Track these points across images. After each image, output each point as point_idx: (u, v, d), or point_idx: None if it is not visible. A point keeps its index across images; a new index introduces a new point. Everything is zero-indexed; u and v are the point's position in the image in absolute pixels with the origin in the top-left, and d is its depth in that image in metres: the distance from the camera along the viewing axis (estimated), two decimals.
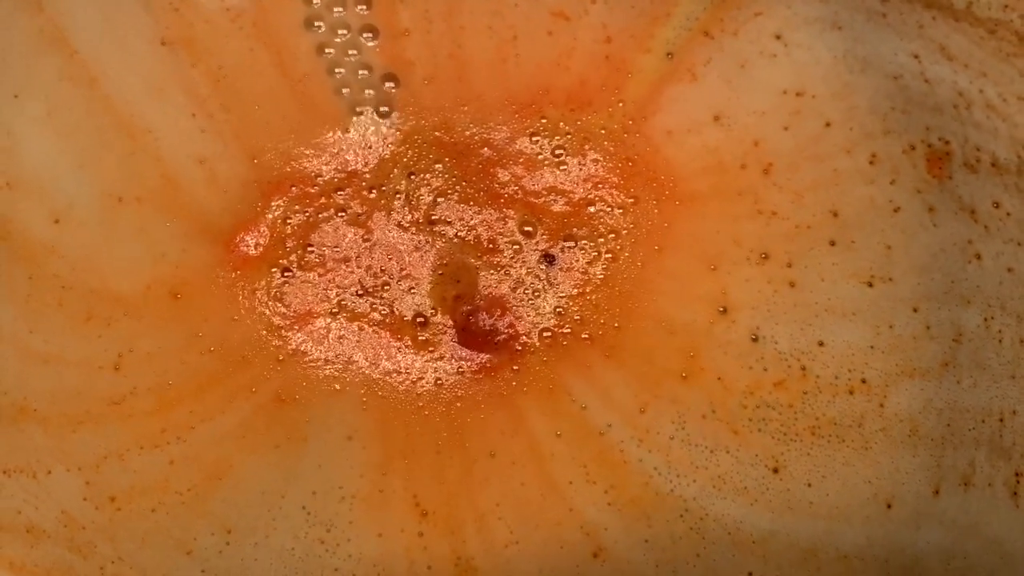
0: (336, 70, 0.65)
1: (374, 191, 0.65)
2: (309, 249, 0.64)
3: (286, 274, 0.64)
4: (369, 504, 0.63)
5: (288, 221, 0.64)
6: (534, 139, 0.65)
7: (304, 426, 0.64)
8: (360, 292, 0.64)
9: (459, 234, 0.64)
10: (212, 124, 0.64)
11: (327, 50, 0.65)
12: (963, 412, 0.61)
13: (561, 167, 0.65)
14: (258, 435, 0.63)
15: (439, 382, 0.64)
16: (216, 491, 0.63)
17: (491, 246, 0.64)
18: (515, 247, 0.64)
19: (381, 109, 0.65)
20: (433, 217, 0.64)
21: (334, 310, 0.64)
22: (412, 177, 0.65)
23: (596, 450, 0.64)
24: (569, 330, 0.64)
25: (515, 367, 0.64)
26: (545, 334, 0.64)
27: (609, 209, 0.65)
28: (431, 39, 0.64)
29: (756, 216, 0.64)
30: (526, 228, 0.64)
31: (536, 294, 0.64)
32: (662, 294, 0.64)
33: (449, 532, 0.63)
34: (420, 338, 0.64)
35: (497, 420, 0.64)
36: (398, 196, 0.65)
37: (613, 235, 0.65)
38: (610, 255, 0.65)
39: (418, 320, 0.64)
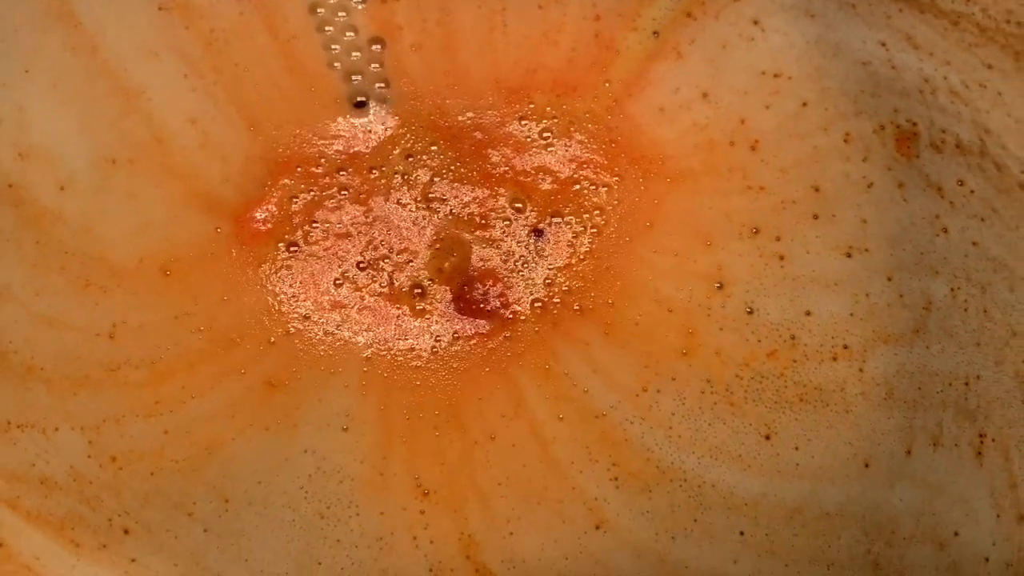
0: (325, 28, 0.66)
1: (375, 171, 0.66)
2: (313, 225, 0.65)
3: (292, 249, 0.65)
4: (369, 486, 0.64)
5: (294, 199, 0.66)
6: (523, 122, 0.66)
7: (294, 412, 0.64)
8: (362, 265, 0.65)
9: (454, 210, 0.66)
10: (203, 84, 0.65)
11: (319, 9, 0.66)
12: (932, 376, 0.63)
13: (548, 148, 0.66)
14: (247, 417, 0.64)
15: (435, 350, 0.65)
16: (210, 464, 0.64)
17: (484, 221, 0.66)
18: (506, 222, 0.66)
19: (374, 73, 0.66)
20: (430, 195, 0.66)
21: (338, 280, 0.65)
22: (410, 159, 0.66)
23: (598, 431, 0.65)
24: (559, 300, 0.66)
25: (507, 334, 0.66)
26: (536, 304, 0.66)
27: (593, 187, 0.66)
28: (421, 3, 0.66)
29: (746, 191, 0.66)
30: (516, 205, 0.66)
31: (526, 265, 0.66)
32: (659, 272, 0.66)
33: (451, 510, 0.64)
34: (418, 307, 0.65)
35: (497, 403, 0.65)
36: (397, 176, 0.66)
37: (598, 211, 0.66)
38: (595, 230, 0.66)
39: (416, 291, 0.66)
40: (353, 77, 0.67)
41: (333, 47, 0.66)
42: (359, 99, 0.66)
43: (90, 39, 0.64)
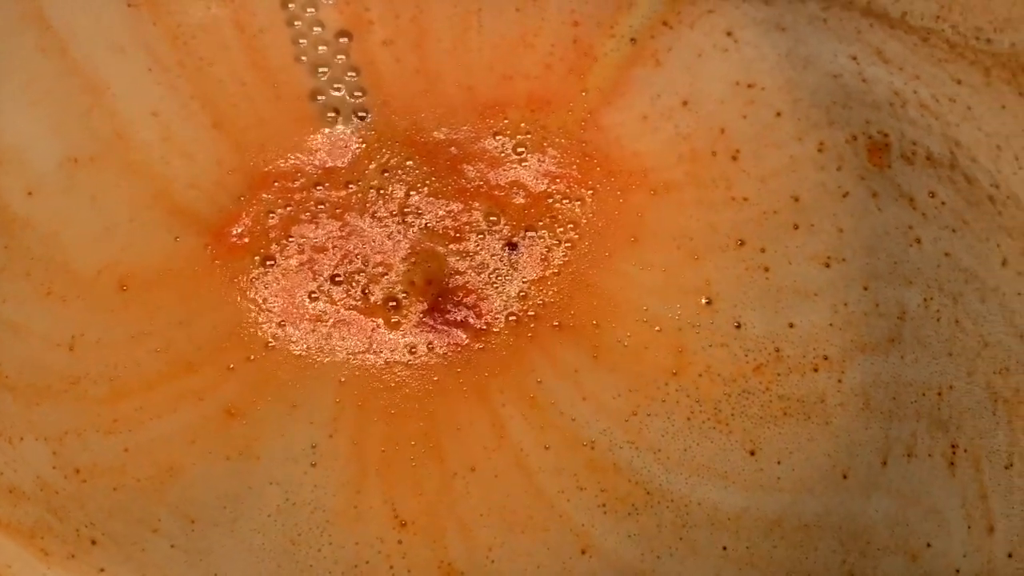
0: (295, 23, 0.66)
1: (351, 185, 0.66)
2: (289, 239, 0.65)
3: (268, 263, 0.65)
4: (343, 517, 0.63)
5: (271, 214, 0.65)
6: (497, 138, 0.66)
7: (255, 444, 0.64)
8: (337, 279, 0.65)
9: (429, 224, 0.66)
10: (167, 79, 0.65)
11: (289, 4, 0.66)
12: (907, 386, 0.64)
13: (523, 163, 0.66)
14: (207, 444, 0.63)
15: (411, 364, 0.65)
16: (172, 486, 0.63)
17: (458, 235, 0.66)
18: (480, 236, 0.66)
19: (341, 66, 0.66)
20: (405, 209, 0.66)
21: (313, 294, 0.65)
22: (385, 173, 0.66)
23: (586, 458, 0.64)
24: (534, 313, 0.65)
25: (481, 345, 0.65)
26: (511, 317, 0.65)
27: (567, 202, 0.66)
28: (394, 2, 0.66)
29: (730, 202, 0.66)
30: (491, 218, 0.66)
31: (500, 278, 0.66)
32: (646, 289, 0.66)
33: (430, 540, 0.63)
34: (392, 319, 0.65)
35: (478, 434, 0.64)
36: (372, 190, 0.66)
37: (572, 225, 0.66)
38: (569, 244, 0.66)
39: (390, 303, 0.65)
40: (319, 70, 0.67)
41: (300, 41, 0.66)
42: (319, 96, 0.66)
43: (60, 40, 0.64)
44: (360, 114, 0.66)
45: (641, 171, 0.66)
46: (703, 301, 0.65)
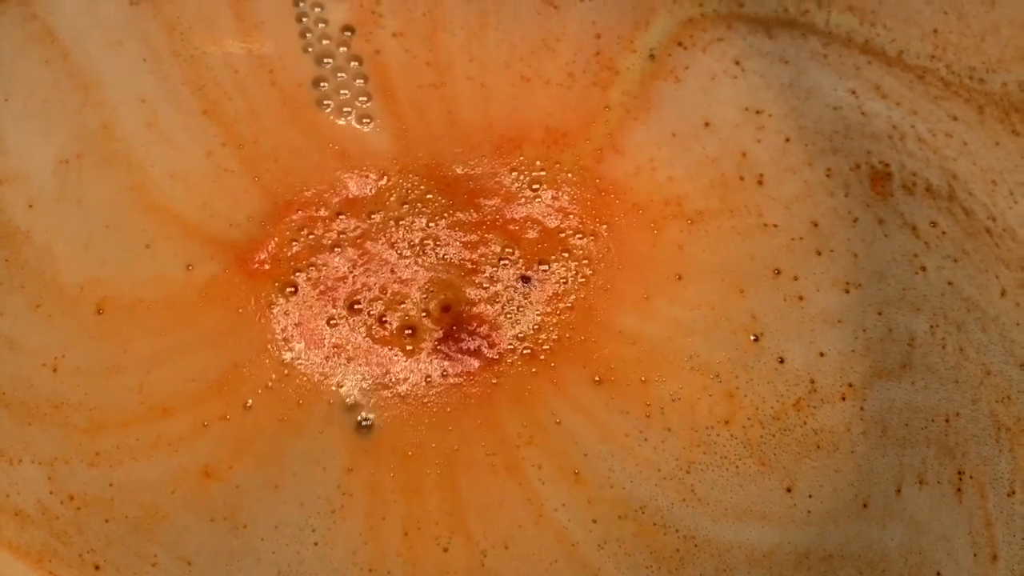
0: (302, 19, 0.67)
1: (374, 216, 0.66)
2: (310, 268, 0.64)
3: (288, 290, 0.64)
4: None
5: (294, 242, 0.65)
6: (513, 174, 0.67)
7: (240, 512, 0.62)
8: (355, 308, 0.65)
9: (447, 255, 0.66)
10: (160, 68, 0.65)
11: (301, 2, 0.67)
12: (917, 412, 0.64)
13: (537, 199, 0.66)
14: (187, 499, 0.62)
15: (427, 403, 0.64)
16: (160, 529, 0.61)
17: (474, 267, 0.66)
18: (495, 268, 0.66)
19: (344, 55, 0.67)
20: (424, 240, 0.66)
21: (333, 321, 0.64)
22: (405, 205, 0.66)
23: (636, 524, 0.63)
24: (549, 347, 0.65)
25: (495, 380, 0.64)
26: (525, 350, 0.65)
27: (580, 237, 0.66)
28: None
29: (763, 230, 0.66)
30: (507, 250, 0.66)
31: (515, 309, 0.65)
32: (694, 332, 0.65)
33: None
34: (408, 347, 0.64)
35: (511, 512, 0.63)
36: (392, 221, 0.66)
37: (586, 260, 0.66)
38: (583, 279, 0.66)
39: (406, 332, 0.64)
40: (324, 61, 0.67)
41: (307, 35, 0.67)
42: (323, 84, 0.67)
43: (63, 48, 0.64)
44: (361, 99, 0.67)
45: (675, 199, 0.66)
46: (751, 338, 0.65)
